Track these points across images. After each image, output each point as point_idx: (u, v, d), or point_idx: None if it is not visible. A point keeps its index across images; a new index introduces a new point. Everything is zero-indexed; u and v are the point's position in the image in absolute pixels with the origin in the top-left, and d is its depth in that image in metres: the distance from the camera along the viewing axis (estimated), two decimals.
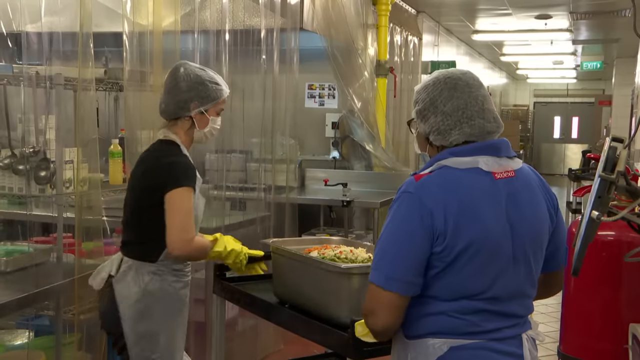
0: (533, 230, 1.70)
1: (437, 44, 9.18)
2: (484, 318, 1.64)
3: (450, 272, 1.61)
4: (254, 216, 4.12)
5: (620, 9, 7.96)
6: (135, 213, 2.47)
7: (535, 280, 1.74)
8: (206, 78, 2.49)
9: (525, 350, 1.69)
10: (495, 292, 1.64)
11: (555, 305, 5.66)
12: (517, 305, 1.69)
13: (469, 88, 1.72)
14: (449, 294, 1.63)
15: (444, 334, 1.64)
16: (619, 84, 12.56)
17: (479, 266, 1.61)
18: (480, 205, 1.62)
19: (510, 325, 1.68)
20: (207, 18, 3.67)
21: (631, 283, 2.54)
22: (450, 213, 1.59)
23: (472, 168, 1.65)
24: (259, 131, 4.22)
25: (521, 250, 1.67)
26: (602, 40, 10.85)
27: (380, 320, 1.64)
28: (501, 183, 1.66)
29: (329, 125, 6.27)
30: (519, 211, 1.67)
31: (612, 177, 1.81)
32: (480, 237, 1.60)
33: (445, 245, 1.59)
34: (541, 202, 1.74)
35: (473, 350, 1.63)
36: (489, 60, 14.08)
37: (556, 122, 19.59)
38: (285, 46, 4.32)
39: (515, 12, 8.35)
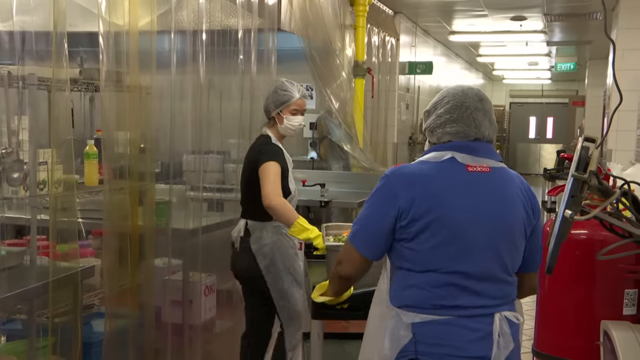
0: (501, 221, 1.91)
1: (414, 44, 9.23)
2: (451, 293, 1.86)
3: (417, 245, 1.88)
4: (232, 217, 4.10)
5: (592, 12, 8.09)
6: (249, 186, 3.23)
7: (509, 268, 1.93)
8: (278, 87, 3.32)
9: (495, 327, 1.85)
10: (461, 268, 1.86)
11: (530, 303, 5.71)
12: (489, 287, 1.89)
13: (464, 98, 1.99)
14: (418, 266, 1.89)
15: (417, 307, 1.88)
16: (591, 85, 12.74)
17: (440, 241, 1.86)
18: (445, 190, 1.89)
19: (482, 305, 1.88)
20: (184, 18, 3.65)
21: (604, 281, 2.58)
22: (415, 194, 1.88)
23: (447, 159, 1.93)
24: (237, 132, 4.20)
25: (487, 236, 1.88)
26: (575, 42, 11.01)
27: (345, 270, 2.05)
28: (473, 175, 1.91)
29: (306, 125, 6.27)
30: (487, 201, 1.90)
31: (584, 176, 1.84)
32: (440, 215, 1.86)
33: (408, 220, 1.88)
34: (515, 200, 1.94)
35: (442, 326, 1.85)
36: (466, 61, 14.19)
37: (531, 123, 19.81)
38: (263, 47, 4.31)
39: (491, 13, 8.43)
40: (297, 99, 3.30)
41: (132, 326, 3.21)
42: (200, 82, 3.69)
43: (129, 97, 3.16)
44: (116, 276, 3.12)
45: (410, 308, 1.89)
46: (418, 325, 1.87)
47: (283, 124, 3.28)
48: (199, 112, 3.75)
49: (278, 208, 3.05)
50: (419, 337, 1.87)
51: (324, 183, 5.41)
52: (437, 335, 1.86)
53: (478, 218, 1.88)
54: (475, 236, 1.87)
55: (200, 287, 3.82)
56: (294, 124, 3.29)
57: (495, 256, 1.89)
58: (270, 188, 3.08)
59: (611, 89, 7.72)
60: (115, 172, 3.12)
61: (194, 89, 3.68)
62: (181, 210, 3.65)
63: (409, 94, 9.19)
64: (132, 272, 3.19)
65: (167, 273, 3.70)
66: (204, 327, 3.85)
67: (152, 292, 3.39)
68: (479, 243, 1.87)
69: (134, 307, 3.24)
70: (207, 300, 3.92)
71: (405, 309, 1.90)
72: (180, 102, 3.64)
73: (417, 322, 1.87)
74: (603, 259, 2.10)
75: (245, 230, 3.27)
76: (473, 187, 1.90)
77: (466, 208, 1.88)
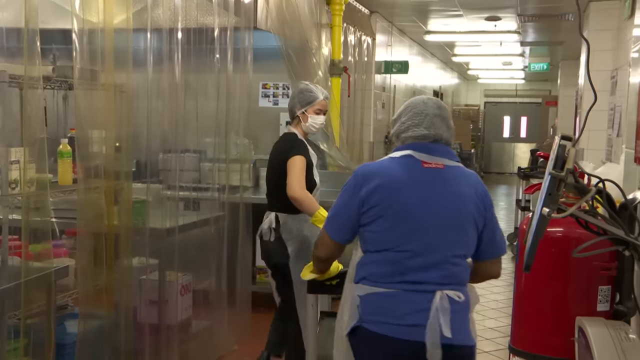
0: (450, 210, 2.18)
1: (390, 44, 9.27)
2: (399, 269, 2.14)
3: (374, 228, 2.19)
4: (208, 216, 4.08)
5: (565, 13, 8.20)
6: (277, 181, 3.47)
7: (458, 253, 2.18)
8: (304, 88, 3.60)
9: (434, 303, 2.09)
10: (409, 248, 2.14)
11: (505, 301, 5.77)
12: (436, 267, 2.14)
13: (424, 107, 2.30)
14: (374, 247, 2.20)
15: (368, 281, 2.18)
16: (564, 85, 12.89)
17: (393, 225, 2.16)
18: (400, 181, 2.19)
19: (427, 282, 2.13)
20: (160, 16, 3.61)
21: (578, 278, 2.61)
22: (374, 185, 2.19)
23: (405, 155, 2.24)
24: (213, 131, 4.18)
25: (435, 222, 2.16)
26: (548, 43, 11.14)
27: (321, 253, 2.38)
28: (428, 170, 2.22)
29: (283, 124, 6.24)
30: (438, 192, 2.19)
31: (561, 174, 1.86)
32: (393, 202, 2.17)
33: (368, 207, 2.19)
34: (465, 194, 2.21)
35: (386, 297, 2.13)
36: (441, 60, 14.28)
37: (506, 122, 20.01)
38: (239, 45, 4.29)
39: (466, 13, 8.50)
40: (321, 100, 3.59)
41: (107, 327, 3.18)
42: (176, 80, 3.66)
43: (103, 95, 3.13)
44: (91, 276, 3.09)
45: (363, 281, 2.19)
46: (366, 296, 2.16)
47: (307, 122, 3.58)
48: (175, 110, 3.72)
49: (302, 199, 3.33)
50: (365, 306, 2.15)
51: None
52: (380, 305, 2.13)
53: (428, 206, 2.17)
54: (425, 221, 2.16)
55: (176, 286, 3.80)
56: (317, 122, 3.60)
57: (442, 240, 2.16)
58: (294, 180, 3.37)
59: (583, 89, 7.82)
60: (90, 171, 3.09)
61: (170, 88, 3.66)
62: (157, 210, 3.63)
63: (385, 93, 9.22)
64: (107, 272, 3.16)
65: (143, 273, 3.67)
66: (180, 327, 3.82)
67: (128, 292, 3.37)
68: (427, 228, 2.15)
69: (108, 307, 3.21)
70: (183, 299, 3.89)
71: (360, 283, 2.20)
72: (156, 101, 3.61)
73: (365, 294, 2.16)
74: (578, 257, 2.13)
75: (276, 222, 3.51)
76: (426, 180, 2.21)
77: (418, 197, 2.17)
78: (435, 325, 2.06)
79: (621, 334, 2.19)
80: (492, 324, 5.16)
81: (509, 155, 19.59)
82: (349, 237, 2.29)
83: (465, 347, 2.15)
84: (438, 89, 14.30)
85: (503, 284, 6.44)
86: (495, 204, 14.16)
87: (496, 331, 4.98)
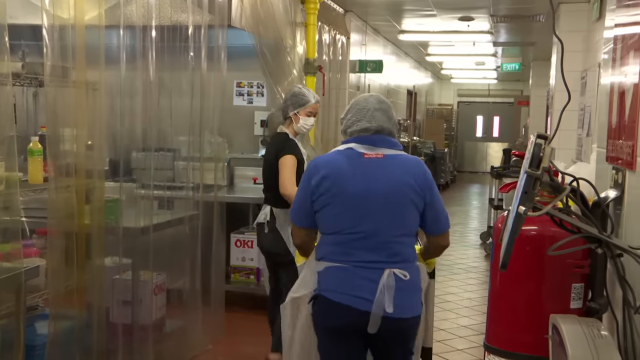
0: (389, 196, 2.45)
1: (364, 43, 9.28)
2: (348, 249, 2.45)
3: (324, 214, 2.50)
4: (182, 215, 4.04)
5: (536, 14, 8.30)
6: (272, 177, 3.78)
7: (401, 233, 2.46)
8: (296, 92, 3.87)
9: (382, 279, 2.39)
10: (355, 230, 2.44)
11: (479, 299, 5.83)
12: (381, 246, 2.44)
13: (366, 103, 2.60)
14: (327, 229, 2.52)
15: (324, 259, 2.51)
16: (535, 85, 13.05)
17: (340, 210, 2.47)
18: (343, 172, 2.48)
19: (374, 260, 2.42)
20: (133, 13, 3.57)
21: (552, 276, 2.63)
22: (321, 176, 2.49)
23: (346, 148, 2.54)
24: (187, 129, 4.14)
25: (377, 207, 2.44)
26: (520, 43, 11.27)
27: (295, 240, 2.70)
28: (368, 160, 2.49)
29: (257, 123, 6.21)
30: (376, 180, 2.46)
31: (537, 173, 1.87)
32: (339, 191, 2.46)
33: (317, 196, 2.50)
34: (403, 180, 2.47)
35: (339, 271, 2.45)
36: (415, 60, 14.36)
37: (479, 121, 20.20)
38: (213, 43, 4.25)
39: (439, 13, 8.55)
40: (313, 103, 3.88)
41: (78, 327, 3.14)
42: (149, 78, 3.62)
43: (75, 92, 3.08)
44: (62, 276, 3.04)
45: (322, 259, 2.52)
46: (323, 271, 2.50)
47: (299, 123, 3.84)
48: (148, 108, 3.68)
49: (292, 195, 3.50)
50: (323, 279, 2.49)
51: None
52: (335, 278, 2.46)
53: (369, 193, 2.45)
54: (367, 207, 2.44)
55: (150, 286, 3.76)
56: (308, 124, 3.88)
57: (385, 223, 2.44)
58: (285, 178, 3.67)
59: (554, 89, 7.93)
60: (61, 169, 3.04)
61: (143, 85, 3.62)
62: (131, 209, 3.58)
63: (359, 92, 9.24)
64: (79, 272, 3.12)
65: (116, 272, 3.62)
66: (153, 326, 3.78)
67: (100, 292, 3.33)
68: (370, 213, 2.44)
69: (80, 307, 3.17)
70: (157, 299, 3.86)
71: (319, 261, 2.53)
72: (130, 99, 3.57)
73: (323, 269, 2.50)
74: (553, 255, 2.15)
75: (271, 215, 3.84)
76: (367, 170, 2.48)
77: (359, 185, 2.45)
78: (381, 301, 2.37)
79: (594, 330, 2.22)
80: (466, 322, 5.20)
81: (481, 154, 19.78)
82: (310, 223, 2.57)
83: (408, 319, 2.46)
84: (412, 89, 14.38)
85: (477, 282, 6.50)
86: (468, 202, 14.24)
87: (470, 329, 5.02)
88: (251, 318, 5.09)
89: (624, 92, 2.40)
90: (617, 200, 2.46)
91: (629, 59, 2.37)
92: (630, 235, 2.30)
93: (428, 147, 13.82)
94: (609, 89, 2.72)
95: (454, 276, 6.70)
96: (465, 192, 15.04)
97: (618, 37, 2.61)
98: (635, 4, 2.33)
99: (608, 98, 2.71)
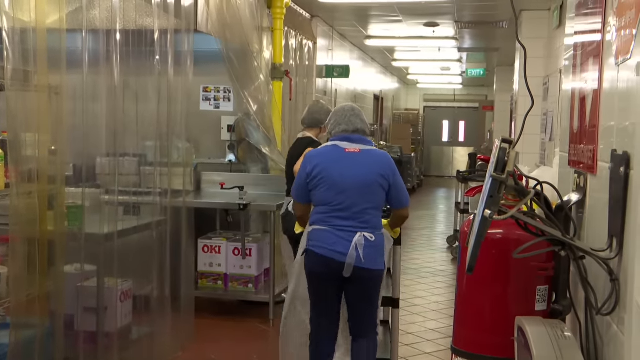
0: (362, 177, 3.30)
1: (331, 48, 9.32)
2: (332, 216, 3.29)
3: (316, 192, 3.35)
4: (149, 221, 3.99)
5: (499, 21, 8.45)
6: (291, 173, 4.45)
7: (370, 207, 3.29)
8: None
9: (354, 239, 3.23)
10: (337, 203, 3.28)
11: (446, 302, 5.88)
12: (355, 215, 3.27)
13: (343, 112, 3.51)
14: (318, 203, 3.36)
15: (314, 223, 3.36)
16: (499, 90, 13.26)
17: (325, 190, 3.31)
18: (329, 162, 3.35)
19: (349, 225, 3.26)
20: (97, 16, 3.52)
21: (518, 278, 2.67)
22: (313, 165, 3.36)
23: (332, 145, 3.42)
24: (154, 134, 4.10)
25: (352, 188, 3.28)
26: (484, 49, 11.44)
27: (297, 212, 3.64)
28: (348, 153, 3.35)
29: (224, 128, 6.19)
30: (353, 167, 3.31)
31: (502, 177, 1.90)
32: (325, 176, 3.32)
33: (311, 179, 3.35)
34: (373, 168, 3.33)
35: (322, 232, 3.30)
36: (382, 65, 14.46)
37: (445, 126, 20.42)
38: (180, 48, 4.22)
39: (405, 19, 8.63)
40: None
41: (40, 336, 3.07)
42: (114, 83, 3.57)
43: (37, 97, 3.03)
44: (24, 284, 2.98)
45: (312, 224, 3.37)
46: (312, 232, 3.35)
47: (323, 134, 4.55)
48: (113, 113, 3.63)
49: None
50: (311, 238, 3.34)
51: (242, 186, 5.36)
52: (319, 237, 3.30)
53: (346, 177, 3.30)
54: (344, 186, 3.29)
55: (116, 292, 3.71)
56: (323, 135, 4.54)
57: (358, 199, 3.28)
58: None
59: (517, 94, 8.06)
60: (23, 175, 2.98)
61: (108, 90, 3.57)
62: (95, 215, 3.53)
63: (326, 97, 9.26)
64: (41, 279, 3.06)
65: (80, 279, 3.56)
66: (119, 334, 3.73)
67: (63, 300, 3.27)
68: (347, 191, 3.28)
69: (43, 316, 3.11)
70: (123, 306, 3.80)
71: (311, 225, 3.38)
72: (94, 103, 3.52)
73: (312, 230, 3.35)
74: (518, 258, 2.18)
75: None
76: (346, 160, 3.34)
77: (340, 171, 3.31)
78: (353, 254, 3.21)
79: (558, 331, 2.26)
80: (434, 325, 5.24)
81: (448, 158, 19.99)
82: (306, 199, 3.43)
83: (374, 270, 3.28)
84: (379, 94, 14.47)
85: (444, 286, 6.56)
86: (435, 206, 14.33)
87: (437, 332, 5.06)
88: (220, 324, 5.06)
89: (585, 97, 2.45)
90: (580, 204, 2.51)
91: (588, 66, 2.42)
92: (592, 238, 2.34)
93: (395, 152, 13.88)
94: (570, 94, 2.78)
95: (422, 280, 6.74)
96: (432, 196, 15.17)
97: (578, 44, 2.66)
98: (593, 12, 2.38)
99: (570, 103, 2.76)
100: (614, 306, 1.96)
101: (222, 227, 5.78)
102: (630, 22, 1.84)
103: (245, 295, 5.30)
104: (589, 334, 2.26)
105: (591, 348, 2.24)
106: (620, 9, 1.98)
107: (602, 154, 2.17)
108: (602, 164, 2.17)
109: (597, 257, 2.05)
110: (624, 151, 1.90)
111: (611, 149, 2.02)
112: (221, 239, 5.39)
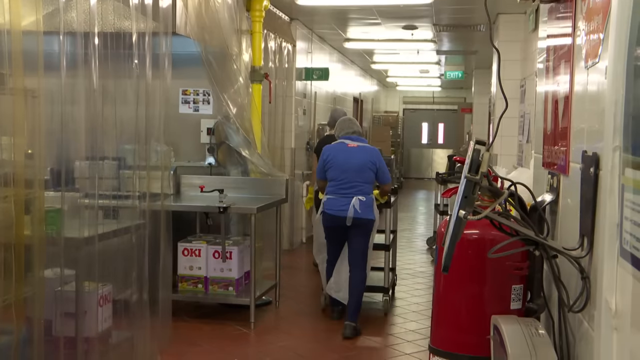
0: (357, 164, 5.05)
1: (310, 51, 9.34)
2: (338, 188, 5.06)
3: (328, 173, 5.14)
4: (129, 224, 3.98)
5: (477, 24, 8.54)
6: None
7: (362, 182, 5.05)
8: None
9: (351, 202, 4.98)
10: (341, 180, 5.06)
11: (426, 304, 5.92)
12: (353, 187, 5.02)
13: (345, 121, 5.46)
14: (329, 179, 5.15)
15: (328, 193, 5.13)
16: (478, 93, 13.37)
17: (334, 170, 5.10)
18: (337, 152, 5.16)
19: (350, 193, 5.01)
20: (74, 19, 3.50)
21: (493, 278, 2.71)
22: (327, 154, 5.19)
23: (340, 142, 5.24)
24: (132, 137, 4.09)
25: (351, 170, 5.05)
26: (463, 52, 11.54)
27: (319, 185, 5.42)
28: (350, 147, 5.14)
29: (204, 131, 6.18)
30: (352, 157, 5.09)
31: (476, 177, 1.94)
32: (334, 162, 5.11)
33: (325, 163, 5.17)
34: (366, 157, 5.11)
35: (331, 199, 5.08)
36: (361, 67, 14.51)
37: (424, 128, 20.54)
38: (158, 50, 4.21)
39: (384, 22, 8.68)
40: None
41: (17, 343, 3.04)
42: (93, 86, 3.56)
43: (12, 100, 3.00)
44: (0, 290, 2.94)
45: (326, 194, 5.13)
46: (326, 200, 5.12)
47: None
48: (92, 116, 3.61)
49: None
50: (325, 203, 5.12)
51: (222, 189, 5.36)
52: (330, 202, 5.07)
53: (348, 163, 5.06)
54: (346, 168, 5.05)
55: (95, 297, 3.68)
56: None
57: (354, 177, 5.03)
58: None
59: (495, 96, 8.15)
60: None
61: (86, 93, 3.55)
62: (74, 219, 3.51)
63: (305, 99, 9.29)
64: (18, 284, 3.02)
65: (58, 284, 3.54)
66: (99, 338, 3.71)
67: (41, 305, 3.23)
68: (347, 171, 5.04)
69: (19, 322, 3.07)
70: (102, 310, 3.78)
71: (325, 195, 5.14)
72: (72, 107, 3.50)
73: (325, 199, 5.12)
74: (493, 257, 2.22)
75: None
76: (348, 152, 5.11)
77: (344, 159, 5.08)
78: (352, 210, 4.96)
79: (532, 329, 2.30)
80: (413, 327, 5.28)
81: (427, 160, 20.12)
82: (323, 177, 5.19)
83: (367, 220, 5.03)
84: (358, 96, 14.52)
85: (424, 287, 6.60)
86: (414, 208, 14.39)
87: (417, 333, 5.10)
88: (200, 327, 5.05)
89: (557, 100, 2.50)
90: (553, 204, 2.56)
91: (560, 69, 2.47)
92: (564, 237, 2.39)
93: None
94: (543, 97, 2.83)
95: (402, 281, 6.79)
96: (412, 198, 15.25)
97: (550, 47, 2.72)
98: (564, 16, 2.43)
99: (543, 106, 2.81)
100: (585, 303, 2.01)
101: (202, 230, 5.77)
102: (598, 26, 1.89)
103: (226, 298, 5.30)
104: (561, 331, 2.31)
105: (564, 345, 2.29)
106: (589, 14, 2.03)
107: (574, 155, 2.22)
108: (573, 165, 2.22)
109: (569, 255, 2.10)
110: (594, 152, 1.95)
111: (582, 150, 2.07)
112: (201, 242, 5.39)
